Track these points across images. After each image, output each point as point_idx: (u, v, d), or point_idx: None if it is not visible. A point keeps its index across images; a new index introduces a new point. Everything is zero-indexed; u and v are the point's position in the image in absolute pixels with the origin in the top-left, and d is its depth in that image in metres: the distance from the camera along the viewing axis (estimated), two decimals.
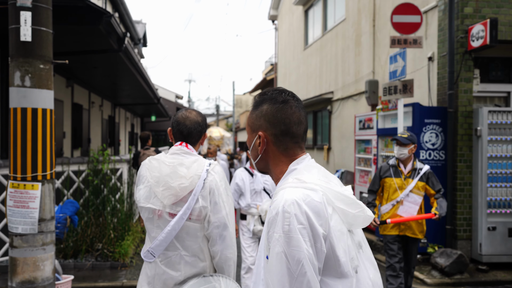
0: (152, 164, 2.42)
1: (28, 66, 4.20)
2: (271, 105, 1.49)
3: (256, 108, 1.54)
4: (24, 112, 4.21)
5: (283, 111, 1.48)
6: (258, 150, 1.52)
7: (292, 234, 1.29)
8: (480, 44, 5.84)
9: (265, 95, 1.53)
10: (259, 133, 1.51)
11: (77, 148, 11.09)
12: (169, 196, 2.30)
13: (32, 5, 4.21)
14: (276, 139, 1.49)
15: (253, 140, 1.54)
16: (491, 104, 6.68)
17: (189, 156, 2.42)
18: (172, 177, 2.31)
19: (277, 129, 1.48)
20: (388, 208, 4.60)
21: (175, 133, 2.51)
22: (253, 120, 1.54)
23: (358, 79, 9.73)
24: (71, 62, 8.72)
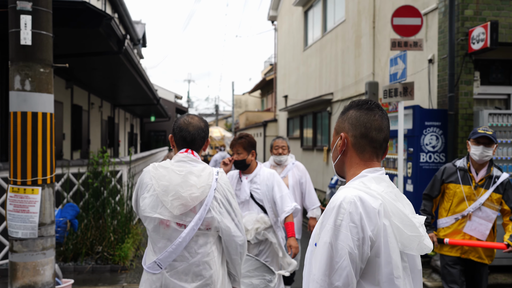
0: (159, 172, 2.34)
1: (28, 70, 4.18)
2: (356, 111, 1.61)
3: (343, 114, 1.66)
4: (24, 116, 4.19)
5: (366, 116, 1.59)
6: (338, 151, 1.63)
7: (342, 230, 1.39)
8: (480, 47, 5.84)
9: (353, 103, 1.66)
10: (341, 134, 1.62)
11: (77, 149, 11.08)
12: (178, 206, 2.24)
13: (32, 9, 4.20)
14: (355, 140, 1.59)
15: (335, 142, 1.66)
16: (492, 106, 6.67)
17: (196, 164, 2.36)
18: (183, 186, 2.25)
19: (357, 131, 1.58)
20: (450, 222, 3.76)
21: (178, 140, 2.45)
22: (338, 123, 1.66)
23: (358, 80, 9.72)
24: (71, 63, 8.69)
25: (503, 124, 6.01)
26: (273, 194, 3.77)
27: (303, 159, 13.98)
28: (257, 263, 2.77)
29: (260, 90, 31.09)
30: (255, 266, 2.75)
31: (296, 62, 15.22)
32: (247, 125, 24.49)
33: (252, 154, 3.81)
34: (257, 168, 3.88)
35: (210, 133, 18.25)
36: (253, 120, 24.57)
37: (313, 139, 13.08)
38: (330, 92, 11.41)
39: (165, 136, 31.07)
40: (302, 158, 14.16)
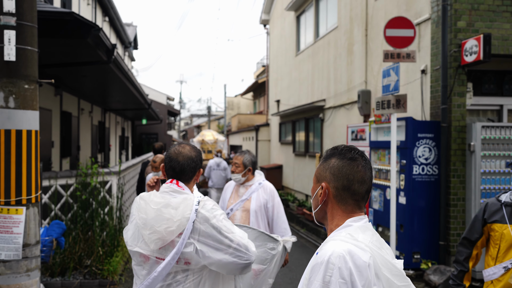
0: (140, 204, 2.28)
1: (12, 87, 4.07)
2: (339, 160, 1.56)
3: (325, 161, 1.61)
4: (8, 134, 4.08)
5: (349, 167, 1.54)
6: (318, 200, 1.59)
7: (331, 286, 1.34)
8: (473, 60, 5.80)
9: (336, 150, 1.61)
10: (322, 184, 1.57)
11: (66, 157, 10.93)
12: (155, 240, 2.16)
13: (16, 24, 4.08)
14: (337, 192, 1.54)
15: (316, 190, 1.61)
16: (484, 117, 6.64)
17: (177, 195, 2.27)
18: (158, 220, 2.17)
19: (339, 182, 1.54)
20: (498, 273, 2.91)
21: (168, 170, 2.38)
22: (320, 171, 1.61)
23: (350, 88, 9.67)
24: (60, 72, 8.58)
25: (495, 136, 5.97)
26: None
27: (295, 165, 13.92)
28: (255, 232, 2.65)
29: (252, 92, 31.00)
30: (255, 236, 2.63)
31: (288, 66, 15.16)
32: (239, 128, 24.39)
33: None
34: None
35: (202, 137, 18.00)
36: (245, 123, 24.48)
37: (305, 145, 13.02)
38: (322, 98, 11.35)
39: (157, 139, 30.88)
40: (294, 163, 14.10)
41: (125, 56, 22.70)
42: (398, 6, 7.63)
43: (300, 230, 10.47)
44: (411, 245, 6.21)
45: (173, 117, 38.71)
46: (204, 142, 18.28)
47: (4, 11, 4.06)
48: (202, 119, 60.08)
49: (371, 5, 8.74)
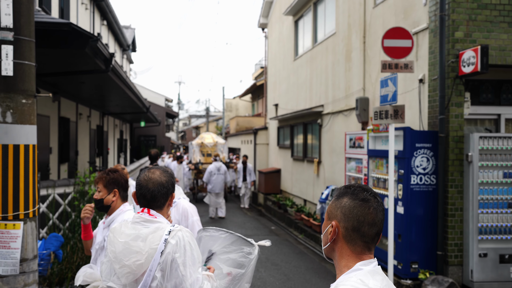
0: (110, 237, 2.20)
1: (10, 102, 4.06)
2: (351, 200, 1.55)
3: (337, 199, 1.60)
4: (6, 149, 4.07)
5: (360, 208, 1.53)
6: (328, 238, 1.58)
7: None
8: (471, 71, 5.81)
9: (349, 189, 1.60)
10: (333, 222, 1.56)
11: (64, 162, 10.92)
12: (126, 274, 2.10)
13: (14, 38, 4.08)
14: (346, 232, 1.53)
15: (326, 227, 1.61)
16: (482, 126, 6.66)
17: (149, 225, 2.19)
18: (126, 254, 2.10)
19: (349, 223, 1.53)
20: None
21: (138, 198, 2.29)
22: (331, 208, 1.60)
23: (348, 94, 9.68)
24: (58, 80, 8.58)
25: (493, 147, 5.98)
26: None
27: (294, 169, 13.93)
28: (232, 236, 2.58)
29: (250, 94, 31.00)
30: (231, 240, 2.57)
31: (286, 71, 15.16)
32: (237, 130, 24.38)
33: (114, 193, 3.18)
34: (116, 212, 3.17)
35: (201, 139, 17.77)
36: (244, 125, 24.47)
37: (303, 150, 13.03)
38: (320, 104, 11.36)
39: (155, 141, 30.87)
40: (292, 168, 14.11)
41: (123, 59, 22.69)
42: (396, 15, 7.64)
43: (298, 235, 10.48)
44: (409, 255, 6.21)
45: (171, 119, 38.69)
46: (204, 145, 17.77)
47: (1, 26, 4.06)
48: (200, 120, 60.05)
49: (369, 13, 8.75)
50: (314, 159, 11.70)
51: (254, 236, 10.42)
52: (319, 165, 11.45)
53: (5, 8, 4.06)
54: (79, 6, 12.38)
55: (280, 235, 10.87)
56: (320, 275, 7.37)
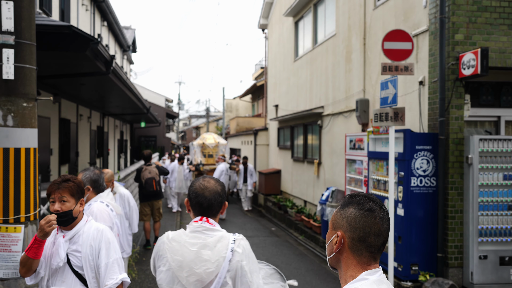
0: (172, 246, 2.24)
1: (11, 105, 4.08)
2: (357, 210, 1.54)
3: (342, 208, 1.59)
4: (7, 153, 4.08)
5: (367, 218, 1.52)
6: (333, 248, 1.57)
7: None
8: (471, 73, 5.82)
9: (354, 198, 1.58)
10: (338, 232, 1.55)
11: (65, 163, 10.93)
12: (194, 282, 2.16)
13: (15, 42, 4.09)
14: (352, 243, 1.52)
15: (331, 237, 1.59)
16: (482, 128, 6.67)
17: (212, 233, 2.26)
18: (197, 262, 2.16)
19: (355, 234, 1.52)
20: None
21: (194, 206, 2.33)
22: (336, 218, 1.59)
23: (348, 96, 9.69)
24: (59, 82, 8.58)
25: (493, 149, 5.99)
26: (98, 260, 2.73)
27: (294, 170, 13.94)
28: (270, 268, 2.70)
29: (251, 94, 31.02)
30: (270, 273, 2.68)
31: (286, 72, 15.17)
32: (237, 131, 24.39)
33: (81, 203, 2.83)
34: (81, 223, 2.82)
35: (203, 140, 17.59)
36: (244, 125, 24.48)
37: (303, 151, 13.04)
38: (320, 105, 11.37)
39: (156, 141, 30.87)
40: (292, 169, 14.12)
41: (124, 60, 22.70)
42: (396, 17, 7.65)
43: (299, 237, 10.49)
44: (409, 257, 6.23)
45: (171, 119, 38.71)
46: (205, 145, 17.44)
47: (2, 29, 4.07)
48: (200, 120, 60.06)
49: (369, 14, 8.76)
50: (314, 160, 11.71)
51: (254, 237, 10.43)
52: (319, 166, 11.46)
53: (6, 12, 4.07)
54: (80, 7, 12.39)
55: (280, 236, 10.88)
56: (321, 277, 7.38)
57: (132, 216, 5.73)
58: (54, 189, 2.76)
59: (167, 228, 11.14)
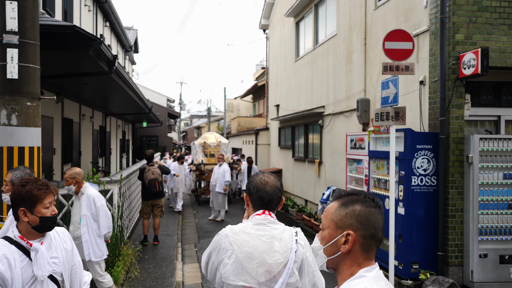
0: (241, 238, 2.29)
1: (15, 104, 4.13)
2: (365, 207, 1.54)
3: (346, 206, 1.56)
4: (11, 151, 4.13)
5: (375, 215, 1.53)
6: (339, 248, 1.54)
7: None
8: (471, 73, 5.85)
9: (357, 196, 1.59)
10: (349, 231, 1.52)
11: (68, 163, 10.98)
12: (263, 272, 2.22)
13: (19, 42, 4.14)
14: (364, 240, 1.52)
15: (335, 237, 1.55)
16: (482, 127, 6.70)
17: (275, 226, 2.34)
18: (269, 253, 2.23)
19: (367, 231, 1.52)
20: None
21: (255, 200, 2.40)
22: (341, 217, 1.55)
23: (349, 96, 9.72)
24: (62, 81, 8.63)
25: (493, 148, 6.02)
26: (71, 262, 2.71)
27: (295, 170, 13.97)
28: None
29: (252, 94, 31.06)
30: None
31: (287, 72, 15.21)
32: (239, 130, 24.45)
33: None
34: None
35: (204, 139, 17.39)
36: (245, 125, 24.53)
37: (304, 151, 13.08)
38: (321, 105, 11.41)
39: (157, 141, 30.93)
40: (293, 168, 14.15)
41: (126, 60, 22.76)
42: (397, 17, 7.68)
43: None
44: (410, 255, 6.26)
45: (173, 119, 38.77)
46: (206, 145, 16.93)
47: (7, 29, 4.12)
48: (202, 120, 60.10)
49: (370, 15, 8.79)
50: (315, 160, 11.75)
51: None
52: (320, 165, 11.50)
53: (10, 12, 4.12)
54: (82, 8, 12.45)
55: None
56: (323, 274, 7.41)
57: (99, 218, 5.23)
58: (47, 192, 2.58)
59: (169, 226, 11.18)
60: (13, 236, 2.51)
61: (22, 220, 2.52)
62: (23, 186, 2.55)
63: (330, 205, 1.63)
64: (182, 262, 8.05)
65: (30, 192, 2.52)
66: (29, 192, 2.52)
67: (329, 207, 1.63)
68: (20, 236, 2.50)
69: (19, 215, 2.51)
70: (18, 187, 2.55)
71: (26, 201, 2.51)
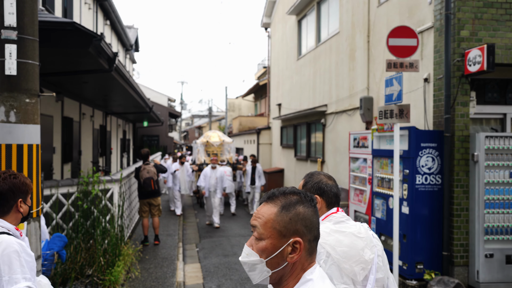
0: (333, 237, 2.14)
1: (13, 101, 4.04)
2: (307, 208, 1.38)
3: (288, 210, 1.36)
4: (9, 149, 4.05)
5: (315, 215, 1.39)
6: (285, 258, 1.35)
7: None
8: (477, 70, 5.76)
9: (296, 196, 1.39)
10: (296, 239, 1.34)
11: (68, 162, 10.91)
12: (360, 271, 2.12)
13: (17, 37, 4.06)
14: (309, 245, 1.37)
15: (280, 247, 1.34)
16: (487, 125, 6.61)
17: (351, 222, 2.26)
18: (365, 249, 2.15)
19: (312, 234, 1.37)
20: None
21: (331, 198, 2.29)
22: (285, 224, 1.34)
23: (352, 94, 9.64)
24: (61, 79, 8.55)
25: (499, 146, 5.93)
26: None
27: (297, 169, 13.89)
28: None
29: (253, 94, 30.97)
30: None
31: (289, 70, 15.13)
32: (240, 130, 24.36)
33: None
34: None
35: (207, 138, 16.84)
36: (247, 125, 24.45)
37: (307, 150, 12.99)
38: (324, 103, 11.32)
39: (158, 141, 30.87)
40: (296, 167, 14.06)
41: (126, 59, 22.68)
42: (401, 14, 7.60)
43: None
44: (414, 255, 6.17)
45: (174, 118, 38.72)
46: (209, 144, 16.06)
47: (5, 25, 4.04)
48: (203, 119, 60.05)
49: (373, 12, 8.70)
50: (318, 159, 11.62)
51: None
52: (322, 164, 11.41)
53: (9, 7, 4.04)
54: (82, 5, 12.37)
55: None
56: None
57: None
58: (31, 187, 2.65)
59: (170, 226, 11.10)
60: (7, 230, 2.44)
61: (14, 212, 2.50)
62: (15, 177, 2.54)
63: (266, 210, 1.38)
64: (183, 262, 7.97)
65: (24, 183, 2.57)
66: (24, 183, 2.55)
67: (266, 213, 1.38)
68: (16, 228, 2.51)
69: (18, 206, 2.51)
70: (10, 180, 2.51)
71: (23, 192, 2.55)
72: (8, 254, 2.26)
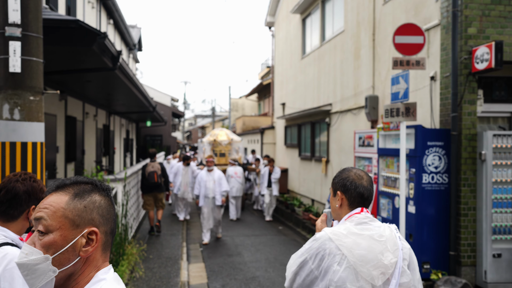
0: (349, 240, 2.06)
1: (17, 98, 4.01)
2: (103, 197, 1.29)
3: (82, 198, 1.25)
4: (13, 146, 4.03)
5: (112, 207, 1.31)
6: (79, 253, 1.22)
7: None
8: (485, 67, 5.69)
9: (91, 185, 1.30)
10: (92, 229, 1.23)
11: (71, 162, 10.89)
12: (379, 275, 2.03)
13: (21, 35, 4.03)
14: (105, 238, 1.28)
15: (72, 239, 1.21)
16: (495, 124, 6.54)
17: (376, 224, 2.15)
18: (384, 253, 2.05)
19: (108, 226, 1.28)
20: None
21: (354, 197, 2.18)
22: (78, 212, 1.22)
23: (357, 93, 9.58)
24: (65, 78, 8.53)
25: (507, 145, 5.87)
26: None
27: (301, 169, 13.83)
28: None
29: (257, 93, 30.90)
30: None
31: (293, 70, 15.07)
32: (244, 130, 24.30)
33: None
34: None
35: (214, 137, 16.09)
36: (250, 125, 24.39)
37: (311, 149, 12.93)
38: (329, 103, 11.26)
39: (161, 141, 30.84)
40: (300, 167, 14.01)
41: (130, 59, 22.68)
42: (407, 11, 7.53)
43: (307, 235, 10.38)
44: (421, 255, 6.11)
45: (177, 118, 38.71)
46: (217, 143, 14.88)
47: (9, 22, 4.01)
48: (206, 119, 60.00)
49: (379, 10, 8.64)
50: (322, 159, 11.60)
51: (261, 236, 10.34)
52: (327, 164, 11.35)
53: (13, 4, 4.01)
54: (86, 4, 12.35)
55: (288, 235, 10.78)
56: None
57: None
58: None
59: (173, 226, 11.07)
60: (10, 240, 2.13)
61: (22, 220, 2.19)
62: (35, 181, 2.25)
63: (55, 198, 1.24)
64: (187, 262, 7.93)
65: (42, 190, 2.25)
66: (41, 189, 2.25)
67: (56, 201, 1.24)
68: (21, 238, 2.18)
69: (29, 213, 2.19)
70: (29, 182, 2.21)
71: (38, 199, 2.20)
72: (10, 269, 2.02)
